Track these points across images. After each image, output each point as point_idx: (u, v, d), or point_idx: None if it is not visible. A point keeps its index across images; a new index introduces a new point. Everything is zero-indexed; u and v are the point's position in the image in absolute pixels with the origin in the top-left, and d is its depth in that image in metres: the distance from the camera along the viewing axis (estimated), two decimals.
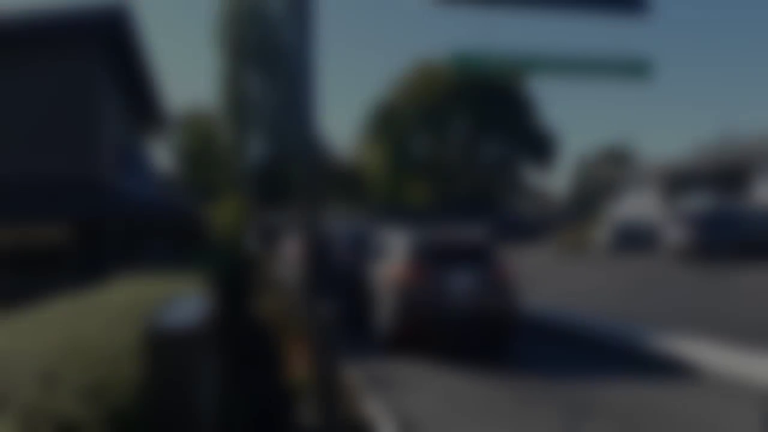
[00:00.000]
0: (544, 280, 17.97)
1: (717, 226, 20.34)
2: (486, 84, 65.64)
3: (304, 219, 4.80)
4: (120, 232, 20.52)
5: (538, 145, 67.63)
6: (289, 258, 27.81)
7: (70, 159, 17.72)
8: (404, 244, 9.11)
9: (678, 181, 40.73)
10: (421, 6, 6.06)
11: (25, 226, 16.91)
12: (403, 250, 8.94)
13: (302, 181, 4.86)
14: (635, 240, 27.46)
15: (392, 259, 9.10)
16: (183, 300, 4.03)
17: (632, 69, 6.68)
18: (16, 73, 17.78)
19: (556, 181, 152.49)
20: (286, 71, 61.94)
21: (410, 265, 8.52)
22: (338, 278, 12.17)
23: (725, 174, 35.97)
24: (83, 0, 18.47)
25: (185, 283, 6.77)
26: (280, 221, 55.14)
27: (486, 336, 9.06)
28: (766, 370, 6.46)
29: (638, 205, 39.14)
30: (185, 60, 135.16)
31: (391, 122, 68.43)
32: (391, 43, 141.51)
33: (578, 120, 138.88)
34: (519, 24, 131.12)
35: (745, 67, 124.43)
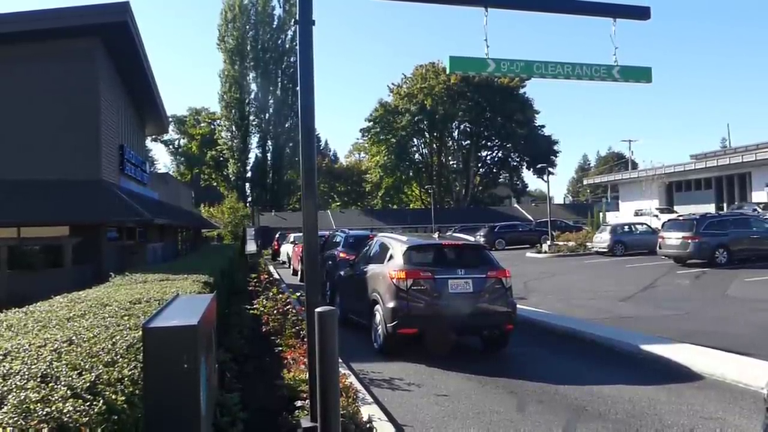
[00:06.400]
0: (542, 282, 17.97)
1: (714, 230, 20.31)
2: (486, 87, 65.51)
3: (304, 220, 4.80)
4: (121, 233, 20.48)
5: (537, 148, 67.47)
6: (289, 258, 27.78)
7: (72, 161, 17.71)
8: (402, 246, 9.12)
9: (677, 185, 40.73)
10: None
11: (27, 227, 16.89)
12: (400, 252, 8.95)
13: (302, 182, 4.86)
14: (633, 243, 27.42)
15: (390, 261, 9.10)
16: (183, 299, 4.04)
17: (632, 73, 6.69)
18: (17, 75, 17.77)
19: (555, 183, 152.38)
20: (287, 72, 62.00)
21: (407, 268, 8.53)
22: (337, 279, 12.18)
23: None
24: (85, 4, 18.42)
25: (185, 283, 6.77)
26: (279, 222, 55.09)
27: (484, 338, 9.08)
28: (762, 373, 6.45)
29: (636, 208, 39.13)
30: (187, 61, 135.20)
31: (392, 124, 68.27)
32: (392, 44, 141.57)
33: (578, 123, 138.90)
34: (517, 24, 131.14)
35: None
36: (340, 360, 4.64)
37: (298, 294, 8.37)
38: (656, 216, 34.42)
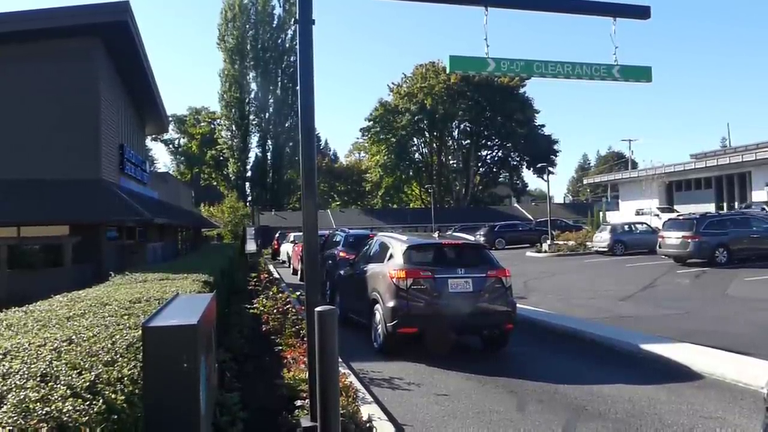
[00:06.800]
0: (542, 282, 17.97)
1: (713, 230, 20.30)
2: (486, 86, 65.48)
3: (304, 220, 4.80)
4: (121, 232, 20.48)
5: (537, 147, 67.44)
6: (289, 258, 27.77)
7: (71, 160, 17.71)
8: (402, 245, 9.11)
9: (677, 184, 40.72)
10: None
11: (27, 226, 16.89)
12: (400, 252, 8.95)
13: (302, 181, 4.85)
14: (633, 243, 27.41)
15: (390, 260, 9.10)
16: (183, 298, 4.04)
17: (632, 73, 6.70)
18: (17, 74, 17.76)
19: (555, 182, 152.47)
20: (287, 72, 62.01)
21: (407, 267, 8.53)
22: (337, 278, 12.19)
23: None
24: (86, 3, 18.41)
25: (185, 282, 6.77)
26: (278, 222, 55.08)
27: (484, 338, 9.08)
28: (761, 373, 6.45)
29: (637, 207, 39.13)
30: (187, 60, 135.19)
31: (392, 123, 68.23)
32: (392, 43, 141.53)
33: (578, 122, 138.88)
34: (517, 24, 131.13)
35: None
36: (339, 359, 4.64)
37: (298, 293, 8.37)
38: (657, 215, 34.42)
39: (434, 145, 72.97)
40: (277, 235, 39.12)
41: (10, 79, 17.59)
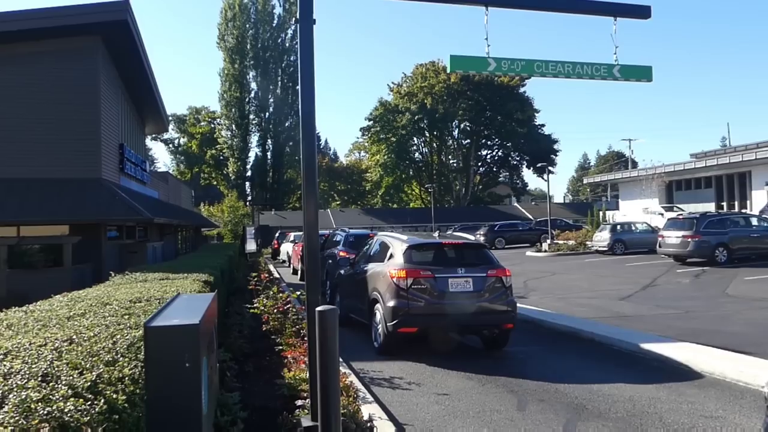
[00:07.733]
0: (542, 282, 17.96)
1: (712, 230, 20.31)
2: (486, 85, 65.46)
3: (304, 219, 4.79)
4: (121, 232, 20.47)
5: (537, 147, 67.41)
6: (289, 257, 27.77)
7: (72, 159, 17.70)
8: (402, 244, 9.11)
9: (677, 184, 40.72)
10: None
11: (27, 225, 16.88)
12: (401, 251, 8.95)
13: (303, 178, 4.85)
14: (633, 242, 27.40)
15: (390, 260, 9.10)
16: (184, 298, 4.03)
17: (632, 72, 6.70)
18: (18, 74, 17.75)
19: (555, 182, 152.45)
20: (287, 71, 61.98)
21: (408, 267, 8.52)
22: (338, 278, 12.18)
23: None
24: (86, 2, 18.41)
25: (185, 282, 6.77)
26: (278, 221, 55.07)
27: (484, 337, 9.08)
28: (762, 372, 6.45)
29: (637, 207, 39.13)
30: (187, 59, 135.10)
31: (392, 123, 68.20)
32: (393, 42, 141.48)
33: (578, 122, 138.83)
34: (518, 23, 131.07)
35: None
36: (340, 359, 4.64)
37: (298, 293, 8.37)
38: (661, 214, 34.38)
39: (434, 144, 72.93)
40: (277, 234, 39.11)
41: (9, 77, 17.59)
